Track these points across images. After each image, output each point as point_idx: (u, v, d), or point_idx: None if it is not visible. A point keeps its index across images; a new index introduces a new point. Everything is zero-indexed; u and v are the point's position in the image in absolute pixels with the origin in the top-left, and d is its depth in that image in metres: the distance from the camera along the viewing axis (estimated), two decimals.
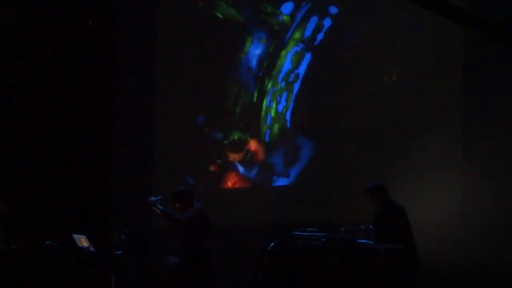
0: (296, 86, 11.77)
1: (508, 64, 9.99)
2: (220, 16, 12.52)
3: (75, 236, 10.19)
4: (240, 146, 12.15)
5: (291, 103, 11.80)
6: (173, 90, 12.75)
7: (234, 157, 12.18)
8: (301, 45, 11.74)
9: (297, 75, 11.77)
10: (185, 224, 9.28)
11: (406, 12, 10.65)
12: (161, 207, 9.35)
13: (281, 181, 11.61)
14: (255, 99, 12.14)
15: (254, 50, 12.21)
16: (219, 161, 12.26)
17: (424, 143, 10.59)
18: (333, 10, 11.56)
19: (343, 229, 8.47)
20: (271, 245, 8.61)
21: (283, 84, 11.88)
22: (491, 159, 10.09)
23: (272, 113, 11.94)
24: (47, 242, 10.22)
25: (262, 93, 12.07)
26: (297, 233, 8.58)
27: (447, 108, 10.61)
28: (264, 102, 12.03)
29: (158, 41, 13.02)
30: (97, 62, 12.89)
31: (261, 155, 11.98)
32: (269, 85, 12.01)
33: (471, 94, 10.41)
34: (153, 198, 9.44)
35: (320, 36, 11.62)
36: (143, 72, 12.93)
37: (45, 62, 12.59)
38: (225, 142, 12.28)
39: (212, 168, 12.28)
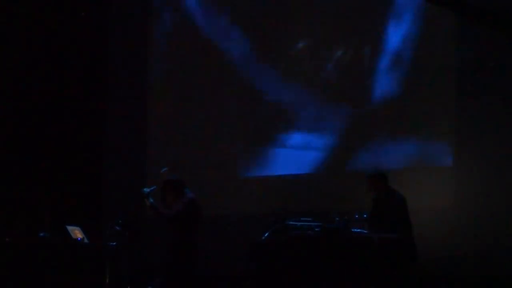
0: None
1: (503, 53, 10.01)
2: None
3: (69, 228, 10.17)
4: None
5: None
6: (167, 80, 12.72)
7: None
8: None
9: None
10: (171, 220, 9.18)
11: None
12: (151, 200, 9.25)
13: (276, 171, 11.63)
14: None
15: None
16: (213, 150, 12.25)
17: (418, 132, 10.62)
18: None
19: (337, 219, 8.46)
20: (265, 234, 8.61)
21: None
22: (484, 146, 10.12)
23: None
24: (41, 234, 10.21)
25: None
26: (291, 222, 8.57)
27: (440, 96, 10.63)
28: None
29: (152, 33, 12.98)
30: (89, 52, 12.88)
31: None
32: None
33: (464, 85, 10.44)
34: (146, 190, 9.34)
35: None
36: (136, 60, 12.89)
37: (37, 52, 12.58)
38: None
39: (206, 157, 12.26)
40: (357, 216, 8.64)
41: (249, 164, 11.82)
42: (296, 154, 11.44)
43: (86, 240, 10.15)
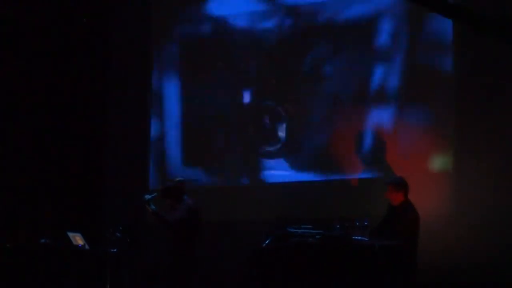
0: None
1: (502, 58, 10.02)
2: None
3: (70, 234, 10.18)
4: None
5: None
6: (168, 84, 12.72)
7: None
8: None
9: None
10: (175, 227, 9.18)
11: None
12: (153, 207, 9.24)
13: (277, 178, 11.63)
14: None
15: None
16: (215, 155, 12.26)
17: (417, 138, 10.63)
18: None
19: (338, 226, 8.45)
20: (266, 241, 8.60)
21: None
22: (485, 152, 10.12)
23: None
24: (42, 241, 10.22)
25: None
26: (292, 230, 8.57)
27: (439, 101, 10.65)
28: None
29: (152, 35, 12.97)
30: (90, 58, 12.90)
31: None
32: None
33: (463, 89, 10.46)
34: (148, 196, 9.33)
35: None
36: (137, 69, 12.90)
37: (39, 58, 12.60)
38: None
39: (208, 163, 12.26)
40: (358, 223, 8.62)
41: (250, 171, 11.83)
42: (297, 160, 11.46)
43: (87, 247, 10.16)
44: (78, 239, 10.18)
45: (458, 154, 10.42)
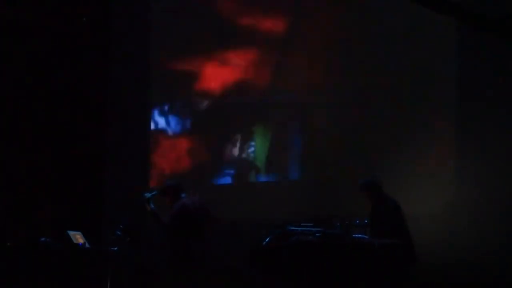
0: None
1: (502, 58, 10.05)
2: None
3: (71, 233, 10.17)
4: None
5: None
6: (167, 86, 12.74)
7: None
8: None
9: None
10: (169, 227, 9.15)
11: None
12: (152, 206, 9.21)
13: (277, 177, 11.66)
14: None
15: None
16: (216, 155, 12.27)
17: (417, 137, 10.65)
18: None
19: (338, 224, 8.49)
20: (266, 240, 8.62)
21: None
22: (484, 152, 10.15)
23: None
24: (42, 239, 10.22)
25: None
26: (292, 228, 8.58)
27: (440, 103, 10.67)
28: None
29: (152, 38, 13.00)
30: (90, 58, 12.91)
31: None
32: None
33: (464, 89, 10.47)
34: (148, 194, 9.31)
35: None
36: (137, 68, 12.91)
37: (39, 58, 12.60)
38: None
39: (208, 163, 12.27)
40: (358, 221, 8.66)
41: (250, 170, 11.84)
42: (297, 160, 11.47)
43: (87, 245, 10.15)
44: (78, 238, 10.17)
45: (458, 154, 10.43)
